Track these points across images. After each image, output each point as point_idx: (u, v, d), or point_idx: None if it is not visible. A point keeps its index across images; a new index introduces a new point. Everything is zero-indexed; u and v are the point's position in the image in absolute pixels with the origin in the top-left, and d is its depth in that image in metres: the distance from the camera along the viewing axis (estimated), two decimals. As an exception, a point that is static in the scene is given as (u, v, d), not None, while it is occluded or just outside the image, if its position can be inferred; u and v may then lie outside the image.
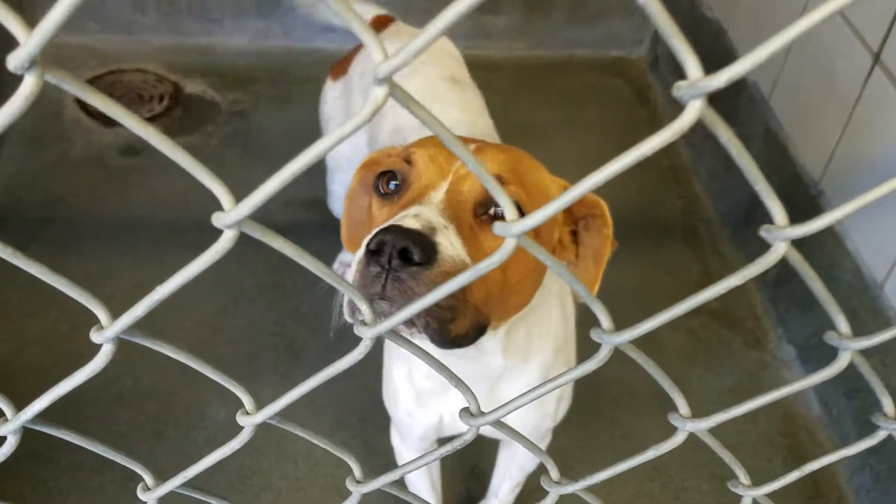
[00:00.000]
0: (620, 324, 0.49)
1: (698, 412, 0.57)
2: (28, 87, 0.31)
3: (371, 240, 0.75)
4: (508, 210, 0.40)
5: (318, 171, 2.23)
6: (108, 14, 2.65)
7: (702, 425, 0.55)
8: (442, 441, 1.50)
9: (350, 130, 0.33)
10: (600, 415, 1.88)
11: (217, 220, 0.35)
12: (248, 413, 0.50)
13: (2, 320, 1.90)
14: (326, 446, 0.55)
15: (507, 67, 2.87)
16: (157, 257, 2.07)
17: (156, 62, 2.64)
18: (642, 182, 2.48)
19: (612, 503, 1.73)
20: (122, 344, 0.46)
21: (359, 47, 1.67)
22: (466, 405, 1.18)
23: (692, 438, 0.60)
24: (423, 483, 1.48)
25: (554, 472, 0.58)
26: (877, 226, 1.73)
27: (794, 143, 2.05)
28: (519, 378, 1.13)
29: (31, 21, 0.30)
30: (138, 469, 0.54)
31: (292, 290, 2.06)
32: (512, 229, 0.39)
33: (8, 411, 0.48)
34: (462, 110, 1.46)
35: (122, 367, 1.83)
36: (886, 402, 0.60)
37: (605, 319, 0.48)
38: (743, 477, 0.65)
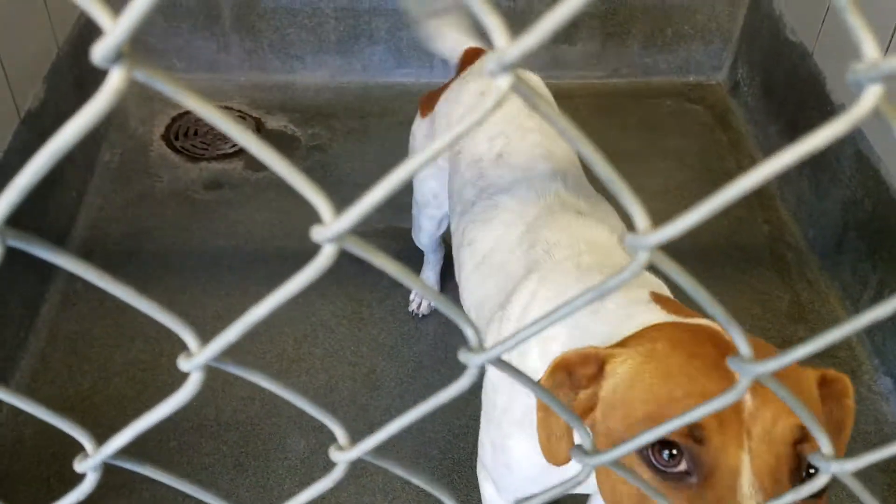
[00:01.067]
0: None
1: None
2: (115, 82, 0.27)
3: None
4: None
5: (393, 202, 2.23)
6: (193, 53, 2.73)
7: (848, 467, 0.49)
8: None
9: (466, 129, 0.30)
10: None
11: (317, 233, 0.32)
12: (341, 448, 0.47)
13: (86, 351, 1.95)
14: (421, 484, 0.52)
15: (584, 96, 2.84)
16: (240, 288, 2.10)
17: (239, 99, 2.71)
18: (727, 209, 2.40)
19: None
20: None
21: (445, 86, 1.67)
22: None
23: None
24: None
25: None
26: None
27: (887, 167, 1.96)
28: None
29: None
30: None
31: (370, 319, 2.06)
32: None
33: (89, 446, 0.44)
34: (541, 135, 1.45)
35: (204, 397, 1.85)
36: None
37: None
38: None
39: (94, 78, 2.26)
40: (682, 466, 0.73)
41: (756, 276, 2.22)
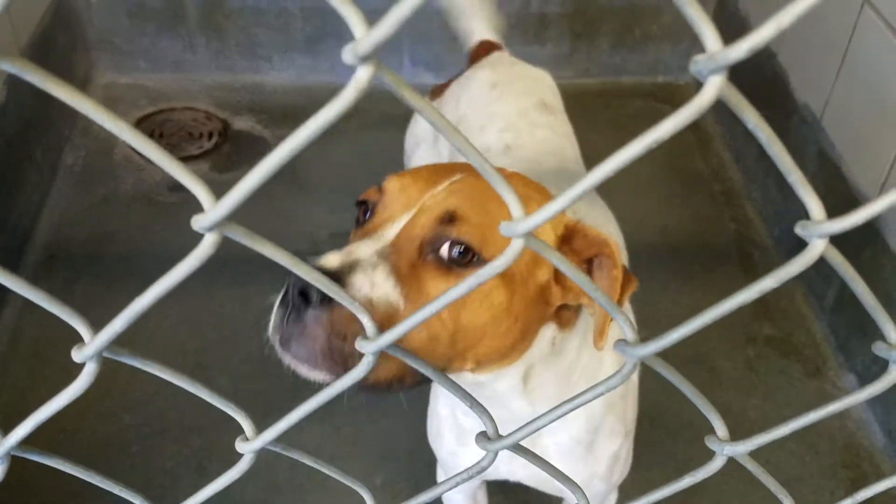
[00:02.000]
0: (673, 350, 0.46)
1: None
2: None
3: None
4: (514, 207, 0.37)
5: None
6: (158, 53, 2.71)
7: (740, 448, 0.51)
8: (490, 484, 1.44)
9: (327, 120, 0.30)
10: (655, 448, 1.82)
11: (196, 222, 0.33)
12: (247, 439, 0.47)
13: (47, 355, 1.93)
14: (335, 475, 0.52)
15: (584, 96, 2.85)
16: (206, 292, 2.08)
17: (206, 100, 2.69)
18: (694, 207, 2.43)
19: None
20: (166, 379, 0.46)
21: (457, 76, 1.69)
22: (505, 454, 1.14)
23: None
24: None
25: (581, 504, 0.54)
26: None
27: (848, 165, 1.98)
28: (561, 431, 1.09)
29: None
30: (137, 501, 0.52)
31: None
32: (517, 228, 0.36)
33: (-9, 438, 0.44)
34: (550, 131, 1.46)
35: (167, 400, 1.83)
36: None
37: (629, 331, 0.45)
38: (788, 507, 0.60)
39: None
40: (365, 212, 0.86)
41: (722, 274, 2.23)
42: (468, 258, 0.80)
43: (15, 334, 1.95)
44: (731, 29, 2.64)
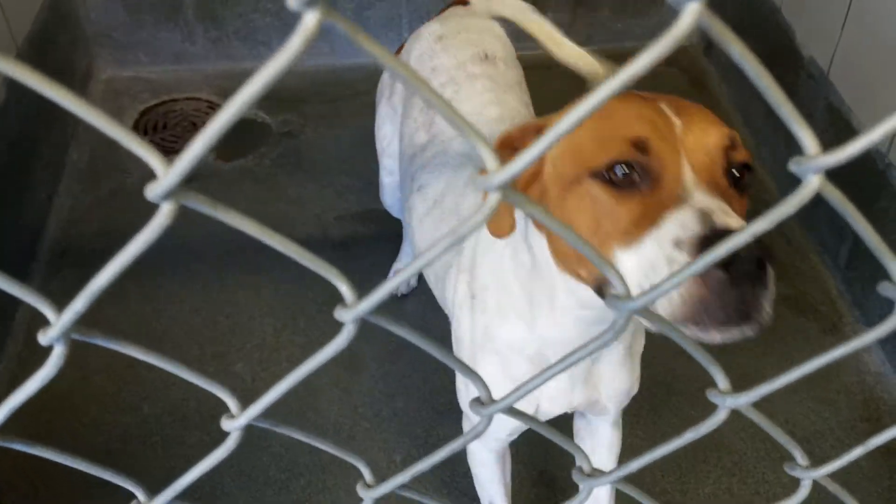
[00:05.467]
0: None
1: (770, 404, 0.52)
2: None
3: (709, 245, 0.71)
4: (489, 161, 0.36)
5: (367, 183, 2.22)
6: (158, 46, 2.70)
7: (742, 400, 0.50)
8: (514, 444, 1.43)
9: (274, 74, 0.29)
10: (669, 411, 1.82)
11: (150, 191, 0.32)
12: (232, 416, 0.47)
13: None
14: (331, 449, 0.52)
15: (558, 65, 2.82)
16: (218, 280, 2.09)
17: (207, 90, 2.68)
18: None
19: (690, 501, 1.66)
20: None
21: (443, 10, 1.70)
22: (566, 387, 1.14)
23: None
24: (496, 487, 1.42)
25: (585, 465, 0.54)
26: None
27: (858, 118, 1.95)
28: (612, 351, 1.14)
29: None
30: (129, 486, 0.51)
31: (350, 303, 2.04)
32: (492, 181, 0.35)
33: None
34: (490, 81, 1.46)
35: (186, 390, 1.84)
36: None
37: (619, 285, 0.44)
38: (800, 458, 0.59)
39: (58, 77, 2.23)
40: (634, 178, 0.81)
41: (735, 236, 2.21)
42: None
43: (30, 332, 1.96)
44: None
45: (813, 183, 0.37)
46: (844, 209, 0.41)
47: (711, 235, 0.71)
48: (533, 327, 1.06)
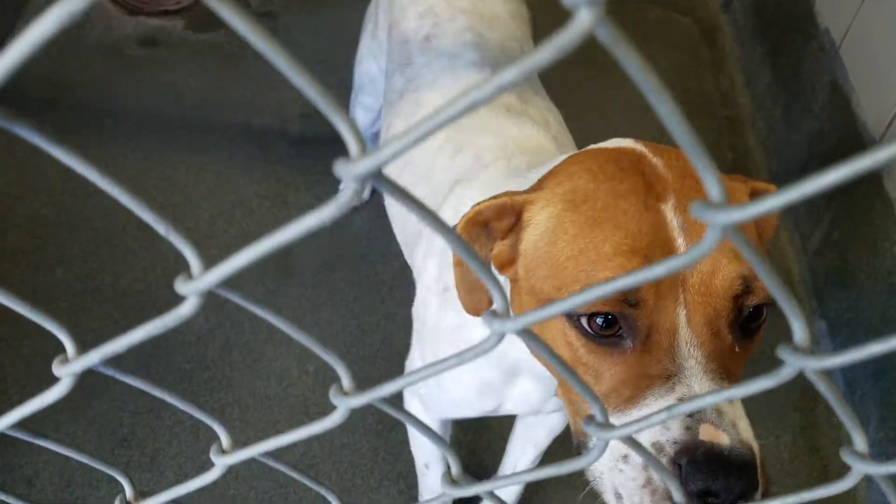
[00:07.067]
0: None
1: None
2: None
3: (688, 476, 0.62)
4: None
5: (339, 83, 2.09)
6: None
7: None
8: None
9: None
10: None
11: None
12: (224, 452, 0.38)
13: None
14: (318, 350, 0.42)
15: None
16: (159, 153, 1.98)
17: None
18: (695, 130, 2.28)
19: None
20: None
21: None
22: (536, 399, 1.02)
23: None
24: (434, 451, 1.34)
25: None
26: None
27: (858, 98, 1.83)
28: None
29: None
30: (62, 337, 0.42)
31: (294, 203, 1.95)
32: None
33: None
34: (472, 17, 1.31)
35: (104, 262, 1.75)
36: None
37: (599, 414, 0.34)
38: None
39: None
40: (618, 331, 0.68)
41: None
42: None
43: None
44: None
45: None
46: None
47: (695, 449, 0.62)
48: (513, 345, 0.92)
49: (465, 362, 0.33)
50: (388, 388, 0.36)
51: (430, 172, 1.15)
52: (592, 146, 0.83)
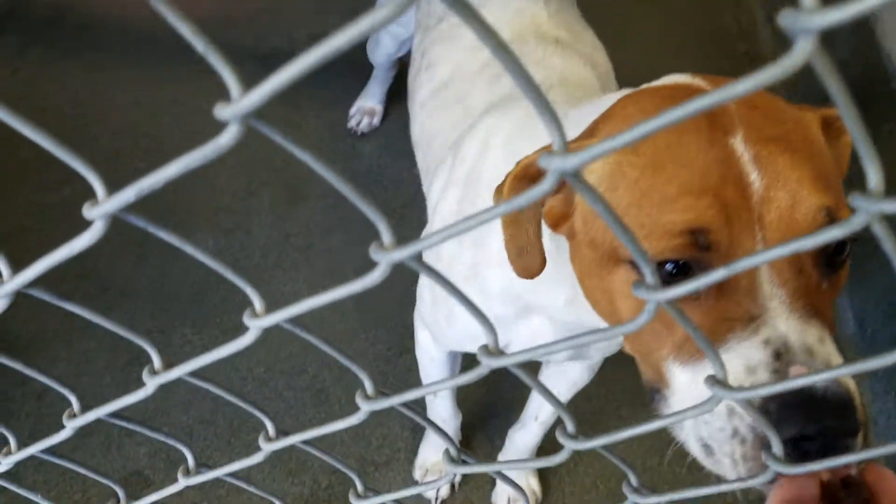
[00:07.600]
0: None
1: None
2: None
3: (780, 421, 0.55)
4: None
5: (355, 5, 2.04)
6: None
7: None
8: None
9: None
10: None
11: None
12: (256, 315, 0.40)
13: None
14: (341, 358, 0.42)
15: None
16: (159, 76, 1.95)
17: None
18: (716, 70, 2.23)
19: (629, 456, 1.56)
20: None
21: None
22: (545, 328, 0.97)
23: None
24: (445, 402, 1.38)
25: (570, 426, 0.48)
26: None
27: (884, 28, 1.78)
28: None
29: None
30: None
31: (305, 128, 1.94)
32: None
33: None
34: None
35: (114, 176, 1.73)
36: None
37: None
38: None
39: None
40: (690, 276, 0.61)
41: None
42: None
43: None
44: None
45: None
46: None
47: (785, 392, 0.55)
48: (527, 289, 0.88)
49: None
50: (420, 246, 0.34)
51: (466, 96, 1.12)
52: (646, 85, 0.77)
